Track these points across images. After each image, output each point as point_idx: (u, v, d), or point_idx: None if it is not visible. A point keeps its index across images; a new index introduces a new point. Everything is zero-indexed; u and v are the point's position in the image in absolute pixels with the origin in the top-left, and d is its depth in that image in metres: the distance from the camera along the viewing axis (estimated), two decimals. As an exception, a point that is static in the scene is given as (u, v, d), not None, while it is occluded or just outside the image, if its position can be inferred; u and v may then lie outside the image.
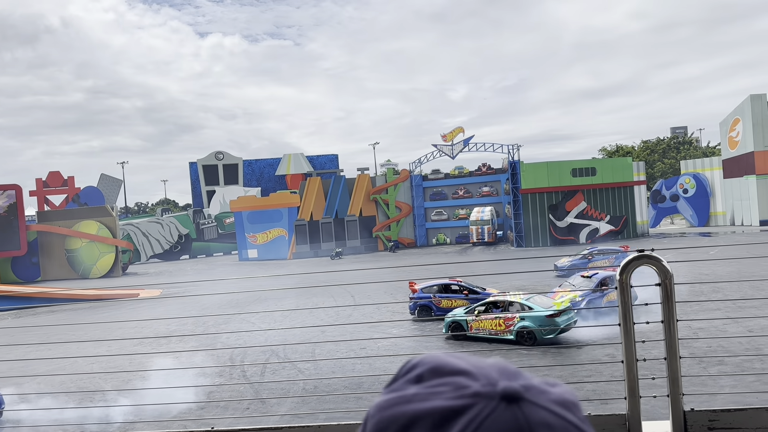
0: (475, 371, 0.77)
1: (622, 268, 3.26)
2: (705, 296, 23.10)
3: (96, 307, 35.74)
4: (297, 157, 77.23)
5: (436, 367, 0.79)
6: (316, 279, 37.75)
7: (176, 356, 19.60)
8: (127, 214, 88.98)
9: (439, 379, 0.77)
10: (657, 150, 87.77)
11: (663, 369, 3.30)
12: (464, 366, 0.78)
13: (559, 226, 54.25)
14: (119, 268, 59.22)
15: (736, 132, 56.53)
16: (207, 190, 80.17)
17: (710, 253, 37.44)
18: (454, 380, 0.76)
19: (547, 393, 0.76)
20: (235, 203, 65.85)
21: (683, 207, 61.76)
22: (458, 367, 0.78)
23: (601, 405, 9.26)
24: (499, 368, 0.78)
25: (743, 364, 14.75)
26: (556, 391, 0.77)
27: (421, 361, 0.81)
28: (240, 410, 14.22)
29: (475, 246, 57.32)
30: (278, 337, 21.38)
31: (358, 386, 15.21)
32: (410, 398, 0.75)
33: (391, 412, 0.75)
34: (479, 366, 0.78)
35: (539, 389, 0.75)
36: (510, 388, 0.73)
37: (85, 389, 16.37)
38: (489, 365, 0.79)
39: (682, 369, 3.31)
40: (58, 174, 64.21)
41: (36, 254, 58.78)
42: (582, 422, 0.76)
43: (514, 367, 0.80)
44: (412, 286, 24.74)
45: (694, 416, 3.29)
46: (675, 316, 3.27)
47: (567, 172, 54.58)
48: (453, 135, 60.69)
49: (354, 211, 61.97)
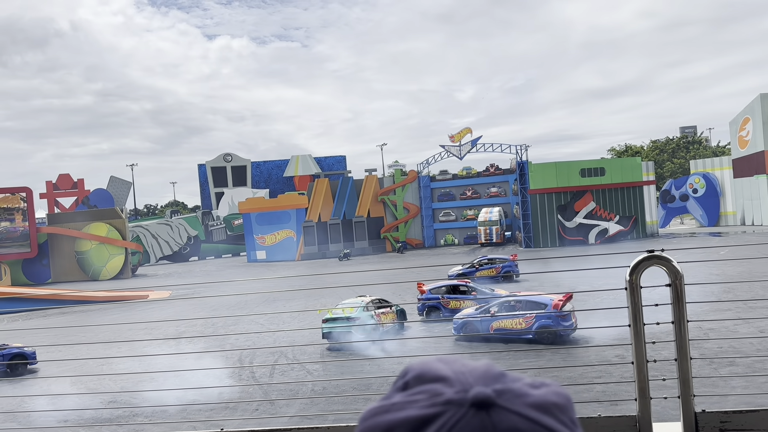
0: (453, 377, 0.77)
1: (632, 269, 3.24)
2: (715, 297, 22.96)
3: (106, 308, 35.92)
4: (305, 158, 77.38)
5: (420, 374, 0.79)
6: (325, 280, 37.78)
7: (185, 357, 19.66)
8: (137, 216, 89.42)
9: (420, 386, 0.77)
10: (666, 150, 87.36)
11: (673, 370, 3.28)
12: (445, 372, 0.78)
13: (567, 227, 54.05)
14: (129, 270, 59.50)
15: (746, 131, 56.17)
16: (216, 192, 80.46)
17: (720, 253, 37.20)
18: (431, 388, 0.76)
19: (525, 396, 0.74)
20: (243, 205, 66.04)
21: (693, 207, 61.41)
22: (439, 373, 0.78)
23: (611, 406, 9.22)
24: (481, 372, 0.78)
25: (754, 365, 14.64)
26: (536, 393, 0.75)
27: (411, 368, 0.82)
28: (249, 411, 14.25)
29: (484, 247, 57.20)
30: (287, 339, 21.42)
31: (367, 387, 15.22)
32: (389, 407, 0.76)
33: (370, 422, 0.76)
34: (460, 371, 0.78)
35: (516, 393, 0.74)
36: (480, 394, 0.73)
37: (95, 390, 16.45)
38: (471, 369, 0.78)
39: (692, 370, 3.29)
40: (68, 176, 64.60)
41: (46, 256, 59.14)
42: (561, 425, 0.74)
43: (499, 370, 0.79)
44: (420, 287, 24.72)
45: (705, 417, 3.26)
46: (686, 316, 3.25)
47: (576, 172, 54.38)
48: (461, 136, 60.62)
49: (362, 212, 61.99)
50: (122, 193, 72.54)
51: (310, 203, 61.45)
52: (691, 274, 3.54)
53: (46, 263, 59.13)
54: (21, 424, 14.22)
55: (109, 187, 71.03)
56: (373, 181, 63.29)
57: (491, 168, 63.06)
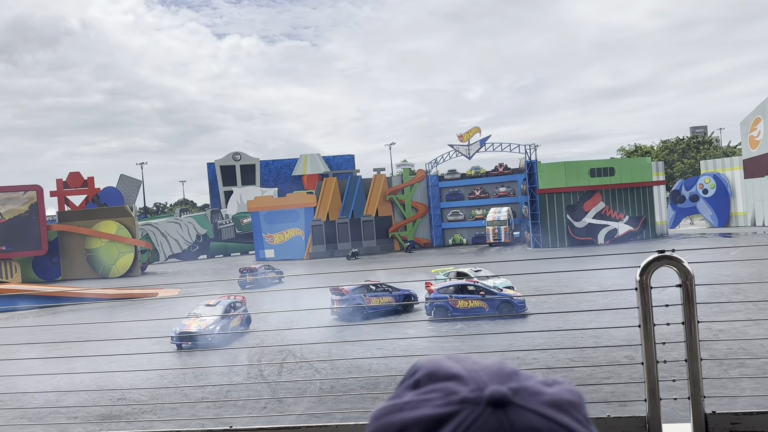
0: (466, 375, 0.76)
1: (642, 269, 3.23)
2: (725, 298, 22.81)
3: (115, 306, 36.10)
4: (313, 157, 77.50)
5: (431, 372, 0.78)
6: (333, 279, 37.82)
7: (194, 355, 19.77)
8: (146, 214, 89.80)
9: (433, 384, 0.76)
10: (676, 150, 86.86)
11: (683, 371, 3.26)
12: (457, 370, 0.77)
13: (577, 227, 53.85)
14: (138, 268, 59.81)
15: (757, 131, 55.74)
16: (225, 191, 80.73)
17: (731, 254, 36.97)
18: (444, 386, 0.75)
19: (540, 395, 0.74)
20: (252, 203, 66.22)
21: (703, 207, 61.03)
22: (451, 371, 0.77)
23: (620, 407, 9.18)
24: (494, 370, 0.77)
25: (765, 367, 14.56)
26: (550, 391, 0.75)
27: (421, 366, 0.81)
28: (257, 409, 14.29)
29: (492, 246, 57.08)
30: (295, 337, 21.47)
31: (375, 386, 15.22)
32: (402, 406, 0.75)
33: (383, 421, 0.75)
34: (473, 369, 0.77)
35: (531, 391, 0.74)
36: (497, 392, 0.72)
37: (104, 387, 16.54)
38: (483, 367, 0.78)
39: (702, 371, 3.27)
40: (78, 175, 64.94)
41: (56, 254, 59.53)
42: (577, 423, 0.74)
43: (512, 367, 0.78)
44: (428, 287, 24.72)
45: (715, 419, 3.25)
46: (696, 317, 3.23)
47: (585, 172, 54.17)
48: (469, 135, 60.53)
49: (370, 211, 62.01)
50: (132, 191, 72.87)
51: (319, 202, 61.53)
52: (701, 275, 3.52)
53: (56, 261, 59.52)
54: (32, 420, 14.33)
55: (119, 185, 71.38)
56: (382, 180, 63.30)
57: (500, 168, 62.92)
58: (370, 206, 62.19)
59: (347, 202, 61.84)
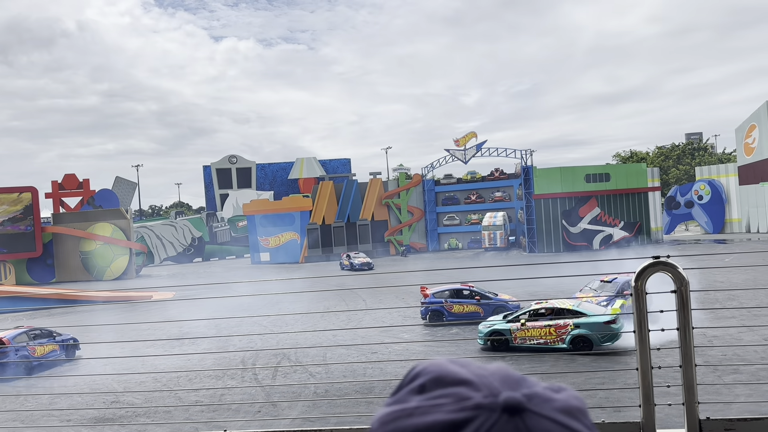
0: (477, 381, 0.75)
1: (637, 275, 3.24)
2: (720, 304, 22.86)
3: (110, 308, 35.98)
4: (310, 161, 77.47)
5: (438, 376, 0.77)
6: (328, 283, 37.77)
7: (188, 358, 19.69)
8: (141, 216, 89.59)
9: (441, 389, 0.75)
10: (672, 156, 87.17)
11: (678, 377, 3.27)
12: (466, 375, 0.76)
13: (572, 232, 53.96)
14: (133, 270, 59.63)
15: (752, 138, 56.02)
16: (220, 194, 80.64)
17: (725, 260, 37.08)
18: (455, 391, 0.74)
19: (551, 401, 0.74)
20: (248, 207, 66.14)
21: (698, 213, 61.25)
22: (460, 376, 0.76)
23: (614, 413, 9.18)
24: (502, 376, 0.77)
25: (759, 373, 14.57)
26: (560, 397, 0.75)
27: (424, 370, 0.80)
28: (251, 413, 14.24)
29: (487, 251, 57.13)
30: (290, 341, 21.43)
31: (369, 390, 15.20)
32: (411, 412, 0.74)
33: (392, 426, 0.74)
34: (481, 375, 0.77)
35: (543, 397, 0.74)
36: (512, 398, 0.72)
37: (97, 390, 16.47)
38: (491, 373, 0.77)
39: (697, 377, 3.28)
40: (74, 176, 64.75)
41: (51, 256, 59.30)
42: (587, 429, 0.74)
43: (518, 374, 0.78)
44: (423, 291, 24.69)
45: (709, 425, 3.25)
46: (690, 323, 3.24)
47: (580, 177, 54.31)
48: (466, 140, 60.62)
49: (366, 215, 62.01)
50: (127, 193, 72.74)
51: (315, 206, 61.50)
52: (696, 281, 3.53)
53: (50, 263, 59.29)
54: (24, 422, 14.25)
55: (115, 187, 71.23)
56: (378, 184, 63.32)
57: (496, 172, 63.05)
58: (365, 210, 62.19)
59: (343, 205, 61.83)
